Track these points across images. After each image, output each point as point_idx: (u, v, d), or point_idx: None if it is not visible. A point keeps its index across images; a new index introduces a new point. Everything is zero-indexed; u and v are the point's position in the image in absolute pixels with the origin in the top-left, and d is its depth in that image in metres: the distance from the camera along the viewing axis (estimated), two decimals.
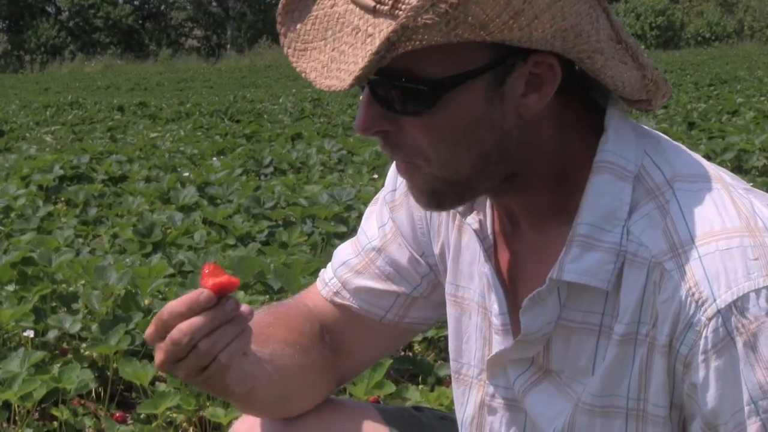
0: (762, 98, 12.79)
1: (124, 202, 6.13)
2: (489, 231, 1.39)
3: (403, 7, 1.12)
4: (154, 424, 2.92)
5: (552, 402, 1.34)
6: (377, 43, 1.11)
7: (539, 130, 1.25)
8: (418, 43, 1.11)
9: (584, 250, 1.25)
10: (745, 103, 11.73)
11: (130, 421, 3.03)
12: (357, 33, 1.15)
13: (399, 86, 1.17)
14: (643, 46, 37.70)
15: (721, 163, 7.12)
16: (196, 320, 1.25)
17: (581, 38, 1.18)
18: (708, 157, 7.33)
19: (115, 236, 5.20)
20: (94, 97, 17.81)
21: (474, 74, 1.17)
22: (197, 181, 6.54)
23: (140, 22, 47.52)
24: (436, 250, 1.51)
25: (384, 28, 1.13)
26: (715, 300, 1.18)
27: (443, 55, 1.15)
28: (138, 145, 9.32)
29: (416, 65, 1.15)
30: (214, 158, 8.38)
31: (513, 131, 1.23)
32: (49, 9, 47.17)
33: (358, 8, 1.17)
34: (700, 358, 1.19)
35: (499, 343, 1.38)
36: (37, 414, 3.04)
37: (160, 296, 3.80)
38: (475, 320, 1.44)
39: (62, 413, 2.93)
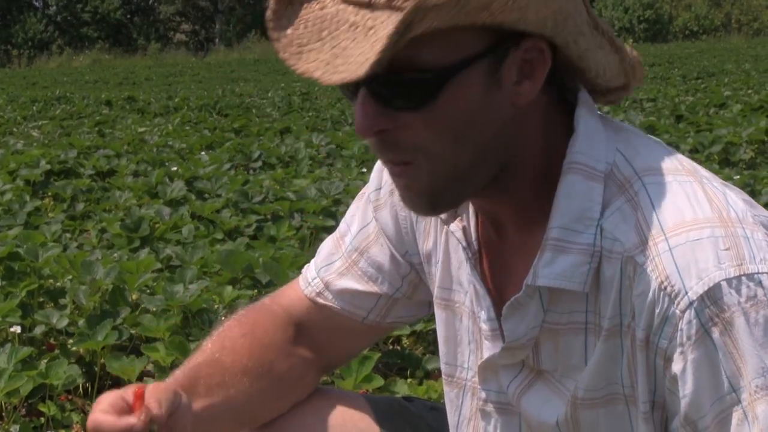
0: (749, 91, 12.82)
1: (112, 197, 6.11)
2: (473, 237, 1.38)
3: None
4: None
5: (546, 401, 1.33)
6: (386, 31, 1.10)
7: (529, 122, 1.25)
8: (427, 25, 1.10)
9: (556, 253, 1.25)
10: (732, 96, 11.76)
11: None
12: (356, 29, 1.14)
13: (403, 79, 1.16)
14: (631, 40, 37.73)
15: (709, 156, 7.14)
16: None
17: (568, 22, 1.19)
18: (695, 150, 7.37)
19: (102, 231, 5.19)
20: (81, 92, 17.76)
21: (473, 60, 1.17)
22: (185, 176, 6.52)
23: (128, 16, 47.35)
24: (423, 250, 1.49)
25: (384, 18, 1.12)
26: (686, 292, 1.17)
27: (443, 42, 1.15)
28: (126, 140, 9.29)
29: (417, 56, 1.15)
30: (203, 152, 8.37)
31: (508, 122, 1.23)
32: (37, 3, 47.00)
33: (351, 6, 1.16)
34: (678, 350, 1.18)
35: (488, 349, 1.38)
36: (24, 410, 3.03)
37: (148, 291, 3.79)
38: (466, 324, 1.43)
39: (49, 409, 2.92)
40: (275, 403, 1.58)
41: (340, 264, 1.57)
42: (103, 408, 1.31)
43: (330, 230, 5.42)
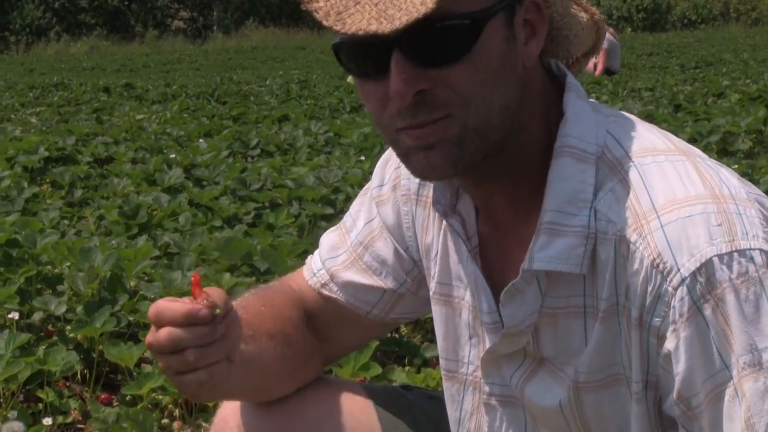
0: (747, 81, 12.81)
1: (110, 184, 6.10)
2: (473, 231, 1.39)
3: None
4: (139, 406, 2.92)
5: (548, 389, 1.34)
6: None
7: (532, 91, 1.28)
8: None
9: (551, 236, 1.25)
10: (730, 85, 11.75)
11: (115, 403, 3.02)
12: None
13: (446, 28, 1.18)
14: (629, 29, 37.67)
15: (707, 146, 7.14)
16: (184, 333, 1.26)
17: None
18: (694, 140, 7.36)
19: (100, 218, 5.19)
20: (79, 79, 17.71)
21: (496, 8, 1.21)
22: (183, 163, 6.52)
23: (126, 3, 47.21)
24: (422, 246, 1.50)
25: None
26: (679, 269, 1.17)
27: None
28: (124, 127, 9.27)
29: (450, 8, 1.17)
30: (201, 140, 8.36)
31: (520, 84, 1.26)
32: None
33: None
34: (671, 328, 1.19)
35: (490, 341, 1.38)
36: (22, 396, 3.03)
37: (146, 278, 3.79)
38: (466, 318, 1.43)
39: (47, 395, 2.93)
40: (288, 378, 1.57)
41: (345, 257, 1.57)
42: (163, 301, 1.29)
43: (329, 218, 5.42)
